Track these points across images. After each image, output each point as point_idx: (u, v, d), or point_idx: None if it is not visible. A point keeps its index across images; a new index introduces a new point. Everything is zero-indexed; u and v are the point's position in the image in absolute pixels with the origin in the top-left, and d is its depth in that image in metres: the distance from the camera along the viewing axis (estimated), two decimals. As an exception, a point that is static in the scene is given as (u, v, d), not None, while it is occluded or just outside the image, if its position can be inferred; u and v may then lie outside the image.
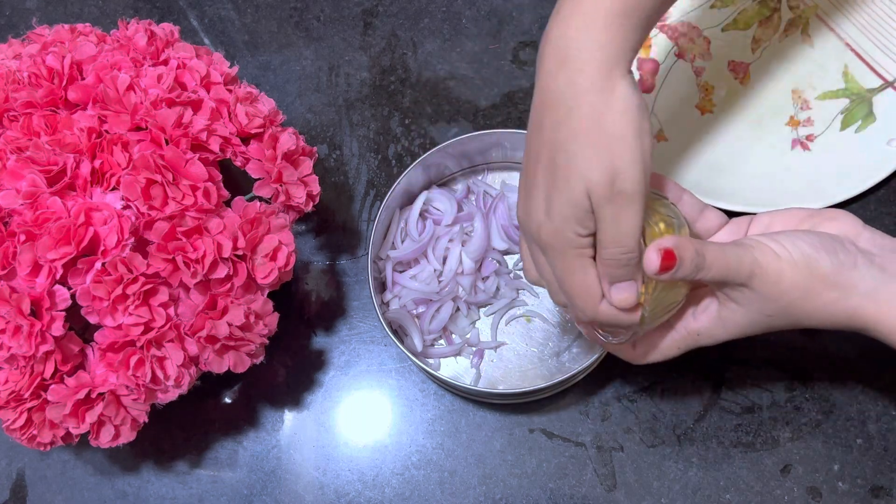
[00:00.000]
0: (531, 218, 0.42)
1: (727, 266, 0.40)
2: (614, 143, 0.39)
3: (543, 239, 0.42)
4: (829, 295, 0.40)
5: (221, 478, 0.58)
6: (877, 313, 0.40)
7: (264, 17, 0.69)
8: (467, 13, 0.68)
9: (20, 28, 0.70)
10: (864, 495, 0.55)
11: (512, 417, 0.58)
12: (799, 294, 0.41)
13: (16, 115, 0.47)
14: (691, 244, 0.40)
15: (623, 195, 0.39)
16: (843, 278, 0.40)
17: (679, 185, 0.46)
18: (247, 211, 0.47)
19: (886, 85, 0.62)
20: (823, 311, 0.41)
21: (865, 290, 0.40)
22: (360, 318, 0.61)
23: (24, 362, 0.44)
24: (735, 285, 0.41)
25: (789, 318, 0.42)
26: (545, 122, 0.41)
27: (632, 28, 0.40)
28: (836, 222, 0.43)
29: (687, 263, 0.39)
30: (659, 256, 0.39)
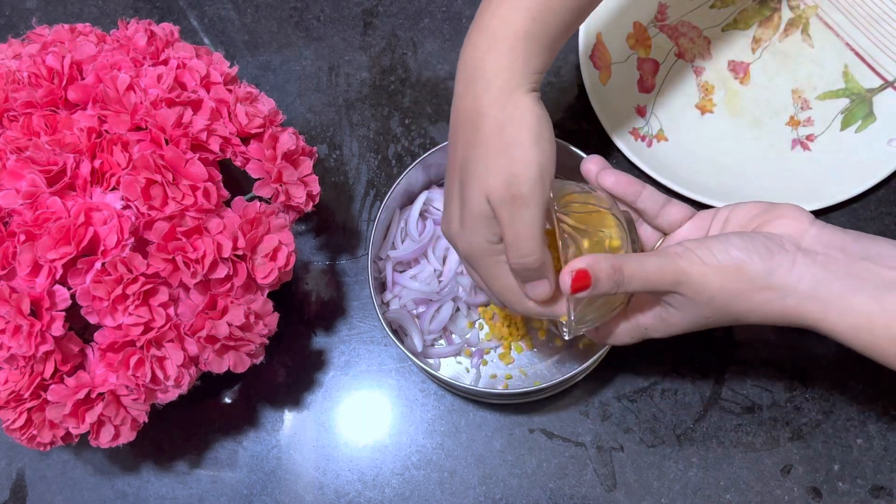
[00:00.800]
0: (450, 231, 0.45)
1: (648, 278, 0.41)
2: (511, 149, 0.41)
3: (462, 250, 0.45)
4: (762, 295, 0.41)
5: (221, 478, 0.58)
6: (821, 312, 0.40)
7: (264, 17, 0.69)
8: (467, 13, 0.68)
9: (20, 28, 0.70)
10: (864, 495, 0.55)
11: (512, 417, 0.58)
12: (729, 297, 0.41)
13: (16, 115, 0.47)
14: (607, 262, 0.40)
15: (518, 198, 0.41)
16: (777, 279, 0.40)
17: (639, 181, 0.47)
18: (247, 211, 0.47)
19: (886, 85, 0.62)
20: (760, 310, 0.41)
21: (805, 290, 0.40)
22: (360, 318, 0.61)
23: (24, 362, 0.44)
24: (666, 294, 0.42)
25: (729, 316, 0.42)
26: (458, 139, 0.44)
27: (535, 51, 0.42)
28: (784, 220, 0.43)
29: (603, 282, 0.40)
30: (571, 278, 0.40)
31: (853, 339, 0.40)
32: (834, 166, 0.61)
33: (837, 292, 0.40)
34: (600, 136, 0.62)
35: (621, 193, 0.47)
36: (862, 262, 0.40)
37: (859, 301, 0.39)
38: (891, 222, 0.61)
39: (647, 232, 0.49)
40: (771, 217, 0.44)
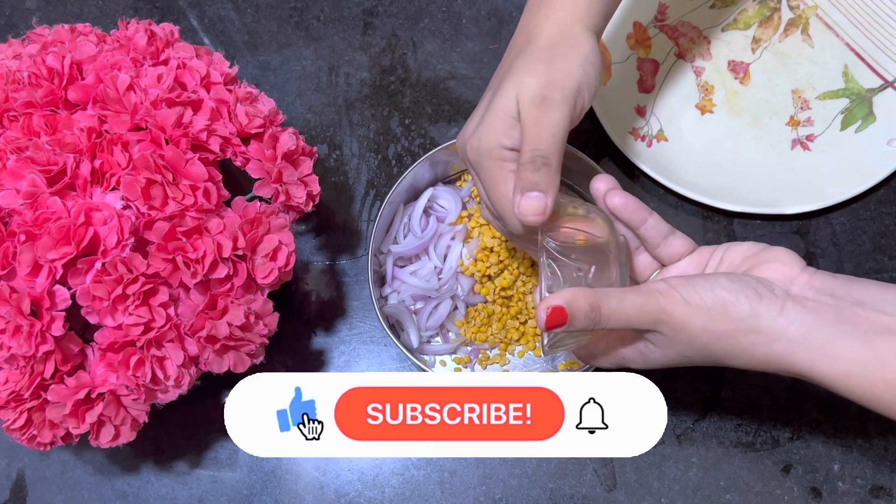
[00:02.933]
0: (464, 137, 0.46)
1: (627, 317, 0.40)
2: (556, 62, 0.43)
3: (471, 156, 0.45)
4: (748, 338, 0.39)
5: (221, 478, 0.58)
6: (810, 360, 0.39)
7: (264, 17, 0.69)
8: (467, 13, 0.68)
9: (20, 28, 0.70)
10: (864, 495, 0.55)
11: (512, 417, 0.58)
12: (712, 338, 0.40)
13: (16, 115, 0.47)
14: (585, 299, 0.39)
15: (549, 102, 0.42)
16: (765, 323, 0.39)
17: (646, 208, 0.46)
18: (247, 211, 0.47)
19: (886, 85, 0.62)
20: (745, 353, 0.40)
21: (794, 336, 0.39)
22: (360, 318, 0.61)
23: (24, 362, 0.44)
24: (645, 331, 0.41)
25: (712, 357, 0.41)
26: (509, 54, 0.46)
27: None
28: (775, 264, 0.42)
29: (580, 320, 0.40)
30: (546, 314, 0.39)
31: (845, 386, 0.39)
32: (834, 166, 0.61)
33: (827, 338, 0.38)
34: (600, 136, 0.62)
35: (626, 218, 0.45)
36: (852, 307, 0.39)
37: (849, 347, 0.38)
38: (891, 222, 0.61)
39: (645, 261, 0.48)
40: (762, 260, 0.43)
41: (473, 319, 0.58)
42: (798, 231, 0.61)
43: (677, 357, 0.42)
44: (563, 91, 0.42)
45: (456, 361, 0.58)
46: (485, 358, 0.58)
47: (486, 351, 0.59)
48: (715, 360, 0.41)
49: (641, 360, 0.44)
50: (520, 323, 0.58)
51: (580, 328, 0.40)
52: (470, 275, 0.58)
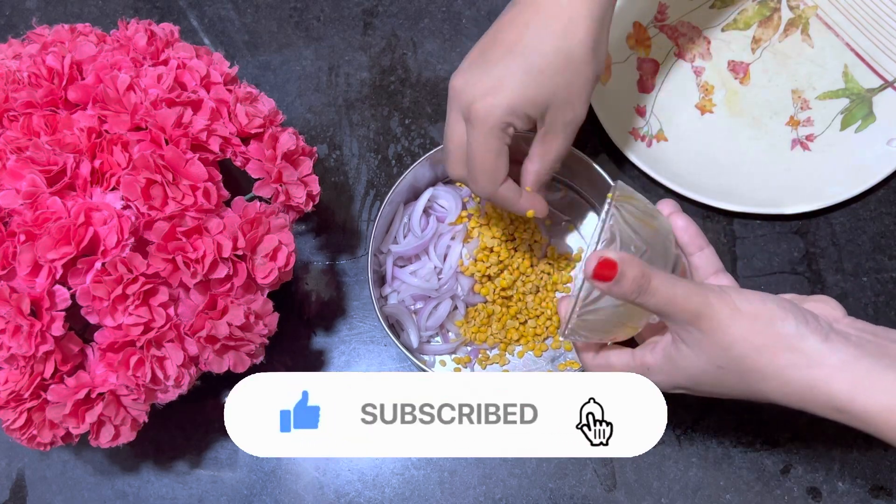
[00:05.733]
0: (473, 88, 0.45)
1: (673, 298, 0.39)
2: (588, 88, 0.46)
3: (476, 111, 0.45)
4: (788, 357, 0.38)
5: (221, 478, 0.58)
6: (851, 390, 0.37)
7: (264, 17, 0.69)
8: (467, 13, 0.68)
9: (20, 28, 0.70)
10: (864, 495, 0.55)
11: (512, 417, 0.58)
12: (751, 349, 0.38)
13: (16, 115, 0.47)
14: (639, 266, 0.39)
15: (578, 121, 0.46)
16: (808, 344, 0.38)
17: (703, 237, 0.46)
18: (247, 211, 0.47)
19: (886, 85, 0.62)
20: (780, 375, 0.38)
21: (836, 363, 0.37)
22: (360, 318, 0.61)
23: (24, 362, 0.44)
24: (684, 323, 0.39)
25: (742, 374, 0.39)
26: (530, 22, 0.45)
27: None
28: (820, 304, 0.42)
29: (628, 280, 0.38)
30: (597, 262, 0.38)
31: (885, 421, 0.37)
32: (834, 166, 0.61)
33: (870, 369, 0.37)
34: (600, 136, 0.62)
35: (684, 241, 0.45)
36: (894, 345, 0.38)
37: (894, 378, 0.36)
38: (891, 222, 0.61)
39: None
40: (807, 300, 0.42)
41: (473, 319, 0.58)
42: (798, 231, 0.61)
43: (708, 367, 0.40)
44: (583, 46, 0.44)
45: (456, 361, 0.58)
46: (484, 358, 0.58)
47: (485, 351, 0.59)
48: (748, 380, 0.39)
49: (669, 368, 0.42)
50: (519, 323, 0.58)
51: (623, 291, 0.39)
52: (470, 275, 0.58)
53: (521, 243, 0.58)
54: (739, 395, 0.41)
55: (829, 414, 0.38)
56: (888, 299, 0.59)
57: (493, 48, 0.46)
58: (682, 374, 0.41)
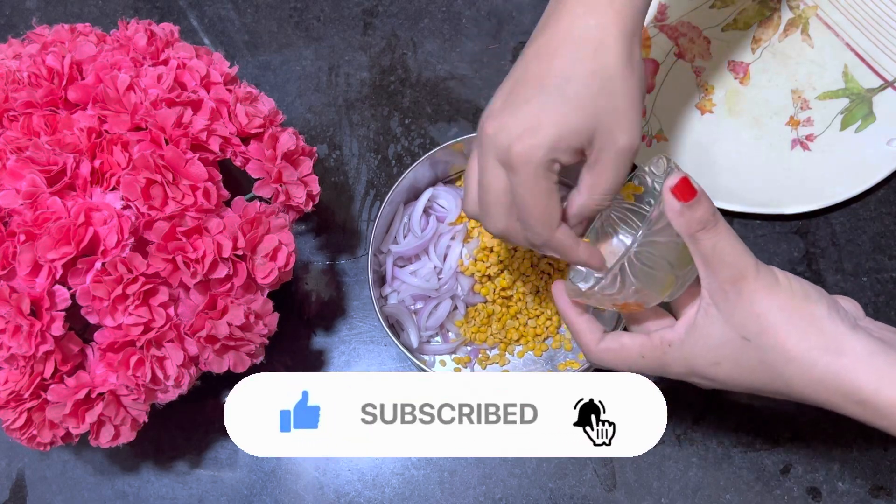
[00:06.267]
0: (508, 132, 0.41)
1: (729, 248, 0.39)
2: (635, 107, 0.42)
3: (517, 155, 0.41)
4: (816, 339, 0.38)
5: (221, 478, 0.58)
6: (877, 380, 0.36)
7: (264, 17, 0.69)
8: (467, 13, 0.68)
9: (20, 28, 0.70)
10: (864, 495, 0.55)
11: (512, 417, 0.58)
12: (784, 320, 0.38)
13: (16, 115, 0.47)
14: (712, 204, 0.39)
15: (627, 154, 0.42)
16: (837, 331, 0.38)
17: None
18: (247, 211, 0.47)
19: (886, 85, 0.62)
20: (807, 356, 0.38)
21: (861, 353, 0.37)
22: (360, 318, 0.61)
23: (24, 362, 0.44)
24: (724, 281, 0.39)
25: (766, 351, 0.38)
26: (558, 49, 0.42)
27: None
28: (843, 301, 0.42)
29: (703, 208, 0.38)
30: (678, 179, 0.39)
31: None
32: (834, 166, 0.61)
33: (893, 363, 0.37)
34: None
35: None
36: None
37: None
38: (891, 222, 0.61)
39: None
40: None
41: (473, 319, 0.58)
42: (798, 231, 0.61)
43: (733, 337, 0.39)
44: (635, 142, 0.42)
45: (456, 361, 0.58)
46: (484, 358, 0.58)
47: (485, 351, 0.59)
48: (766, 360, 0.39)
49: (688, 343, 0.41)
50: (520, 323, 0.58)
51: (694, 218, 0.38)
52: (470, 275, 0.58)
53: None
54: (754, 378, 0.40)
55: (846, 407, 0.38)
56: (888, 299, 0.59)
57: (522, 86, 0.42)
58: (702, 347, 0.40)
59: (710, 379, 0.41)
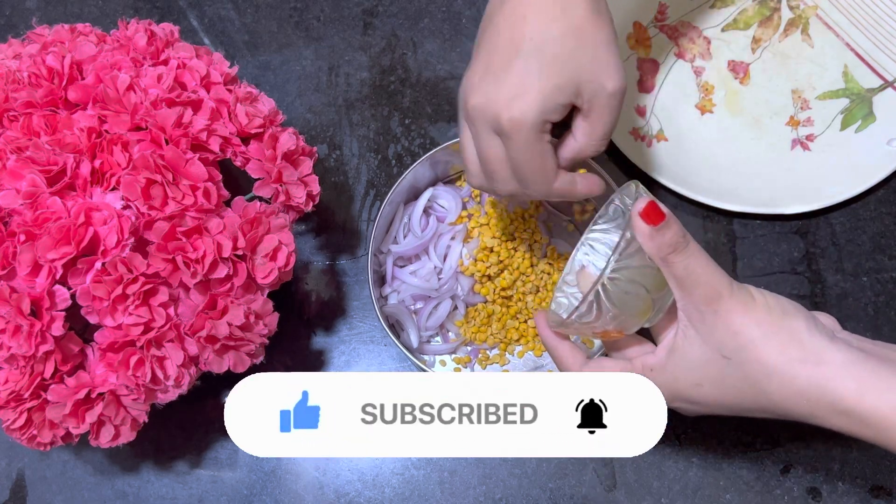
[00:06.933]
0: (495, 101, 0.42)
1: (702, 268, 0.39)
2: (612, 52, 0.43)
3: (508, 122, 0.42)
4: (795, 351, 0.38)
5: (221, 478, 0.58)
6: (858, 389, 0.36)
7: (264, 17, 0.69)
8: (467, 13, 0.68)
9: (20, 28, 0.70)
10: (864, 495, 0.55)
11: (512, 417, 0.57)
12: (762, 335, 0.38)
13: (16, 115, 0.47)
14: (681, 226, 0.39)
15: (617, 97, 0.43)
16: (816, 342, 0.38)
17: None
18: (247, 211, 0.47)
19: (886, 85, 0.62)
20: (787, 368, 0.37)
21: (842, 363, 0.37)
22: (360, 318, 0.61)
23: (24, 362, 0.44)
24: (700, 302, 0.39)
25: (747, 366, 0.38)
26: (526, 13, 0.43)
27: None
28: (819, 315, 0.42)
29: (672, 231, 0.39)
30: (645, 204, 0.39)
31: (893, 423, 0.36)
32: (834, 166, 0.61)
33: (876, 369, 0.37)
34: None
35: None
36: (894, 353, 0.39)
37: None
38: (891, 222, 0.61)
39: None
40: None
41: (473, 319, 0.58)
42: (798, 231, 0.61)
43: (714, 356, 0.39)
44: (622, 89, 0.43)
45: (456, 361, 0.58)
46: (484, 358, 0.58)
47: (485, 351, 0.59)
48: (748, 376, 0.38)
49: (669, 365, 0.41)
50: (520, 323, 0.58)
51: (664, 241, 0.39)
52: (470, 275, 0.58)
53: (521, 243, 0.58)
54: (737, 397, 0.40)
55: (830, 419, 0.38)
56: (888, 299, 0.59)
57: (498, 54, 0.43)
58: (683, 370, 0.40)
59: (694, 402, 0.41)
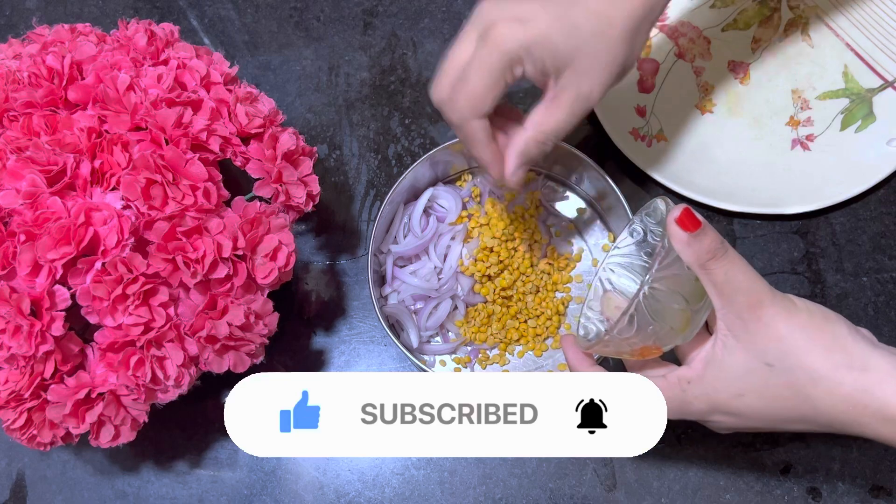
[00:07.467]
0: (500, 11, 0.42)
1: (743, 275, 0.38)
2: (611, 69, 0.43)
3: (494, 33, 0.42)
4: (840, 357, 0.37)
5: (221, 478, 0.58)
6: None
7: (264, 17, 0.69)
8: (467, 13, 0.68)
9: (20, 28, 0.70)
10: (864, 495, 0.55)
11: (512, 417, 0.57)
12: (806, 341, 0.37)
13: (16, 115, 0.47)
14: (718, 234, 0.39)
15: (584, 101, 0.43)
16: (859, 349, 0.37)
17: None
18: (247, 211, 0.47)
19: (886, 85, 0.62)
20: (833, 374, 0.37)
21: (888, 369, 0.36)
22: (360, 318, 0.61)
23: (24, 362, 0.44)
24: (741, 310, 0.38)
25: (791, 373, 0.37)
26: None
27: None
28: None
29: (709, 238, 0.38)
30: (681, 211, 0.38)
31: None
32: (834, 166, 0.61)
33: None
34: (600, 136, 0.62)
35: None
36: None
37: None
38: (891, 222, 0.61)
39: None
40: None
41: (473, 319, 0.58)
42: (798, 231, 0.61)
43: (756, 365, 0.38)
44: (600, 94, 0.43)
45: (456, 361, 0.58)
46: (484, 358, 0.58)
47: (485, 351, 0.59)
48: (792, 383, 0.38)
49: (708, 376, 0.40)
50: (520, 323, 0.58)
51: (702, 248, 0.38)
52: (470, 275, 0.58)
53: (521, 243, 0.58)
54: (781, 407, 0.39)
55: (874, 426, 0.37)
56: (888, 299, 0.59)
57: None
58: (723, 380, 0.39)
59: (733, 413, 0.40)
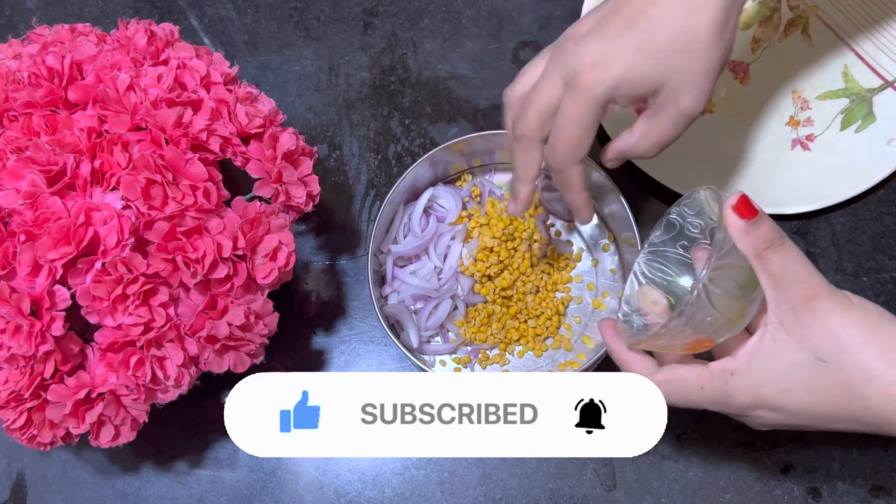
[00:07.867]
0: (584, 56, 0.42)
1: (799, 266, 0.38)
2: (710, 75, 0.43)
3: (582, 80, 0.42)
4: (894, 356, 0.36)
5: (221, 478, 0.58)
6: None
7: (264, 17, 0.69)
8: (467, 13, 0.68)
9: (20, 28, 0.70)
10: (864, 495, 0.55)
11: (512, 417, 0.57)
12: (861, 337, 0.36)
13: (16, 115, 0.47)
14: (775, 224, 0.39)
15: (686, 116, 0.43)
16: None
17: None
18: (247, 211, 0.47)
19: (886, 85, 0.62)
20: (887, 373, 0.36)
21: None
22: (360, 318, 0.61)
23: (24, 362, 0.44)
24: (795, 302, 0.38)
25: (843, 369, 0.37)
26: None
27: None
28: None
29: (766, 227, 0.38)
30: (737, 199, 0.39)
31: None
32: (834, 166, 0.61)
33: None
34: (600, 136, 0.62)
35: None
36: None
37: None
38: (891, 222, 0.61)
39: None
40: None
41: (473, 319, 0.58)
42: (798, 231, 0.61)
43: (805, 359, 0.37)
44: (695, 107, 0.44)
45: (456, 361, 0.58)
46: (484, 358, 0.58)
47: (485, 351, 0.59)
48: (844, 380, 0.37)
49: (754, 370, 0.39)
50: (520, 323, 0.58)
51: (759, 237, 0.38)
52: (470, 275, 0.58)
53: (521, 243, 0.58)
54: (830, 404, 0.38)
55: None
56: (888, 299, 0.59)
57: (612, 20, 0.43)
58: (771, 374, 0.38)
59: (779, 409, 0.39)
